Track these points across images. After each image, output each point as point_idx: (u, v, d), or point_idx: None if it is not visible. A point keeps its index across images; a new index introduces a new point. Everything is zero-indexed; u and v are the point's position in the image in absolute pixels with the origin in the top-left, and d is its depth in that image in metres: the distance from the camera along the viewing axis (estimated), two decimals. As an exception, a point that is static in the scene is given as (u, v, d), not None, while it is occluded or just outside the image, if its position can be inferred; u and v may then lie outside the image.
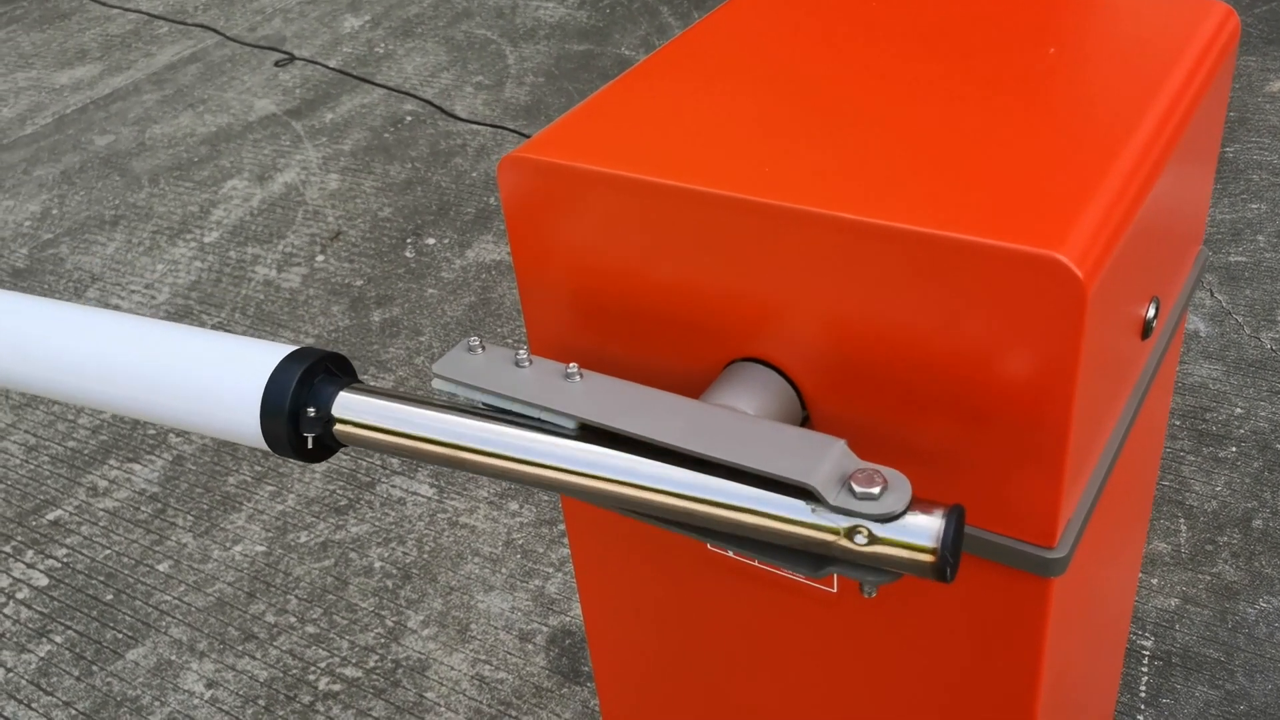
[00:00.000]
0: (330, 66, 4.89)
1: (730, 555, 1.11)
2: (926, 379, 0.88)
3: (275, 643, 2.38)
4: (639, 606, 1.26)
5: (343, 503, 2.72)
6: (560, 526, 2.59)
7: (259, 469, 2.85)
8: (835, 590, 1.06)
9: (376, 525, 2.64)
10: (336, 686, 2.27)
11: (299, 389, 0.90)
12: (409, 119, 4.41)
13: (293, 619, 2.43)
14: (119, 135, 4.57)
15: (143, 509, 2.77)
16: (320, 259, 3.65)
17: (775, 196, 0.88)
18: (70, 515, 2.78)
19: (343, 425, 0.91)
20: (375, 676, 2.28)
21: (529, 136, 1.04)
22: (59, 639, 2.45)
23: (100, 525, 2.74)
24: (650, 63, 1.12)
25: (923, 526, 0.74)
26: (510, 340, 3.17)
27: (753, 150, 0.95)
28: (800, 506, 0.77)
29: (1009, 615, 0.97)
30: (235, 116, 4.58)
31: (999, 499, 0.90)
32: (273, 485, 2.80)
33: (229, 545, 2.64)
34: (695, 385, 1.01)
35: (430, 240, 3.67)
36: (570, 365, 0.90)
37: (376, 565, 2.53)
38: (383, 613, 2.42)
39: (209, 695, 2.28)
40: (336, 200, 3.95)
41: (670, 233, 0.94)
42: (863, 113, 0.98)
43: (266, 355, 0.92)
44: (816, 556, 0.80)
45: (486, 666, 2.27)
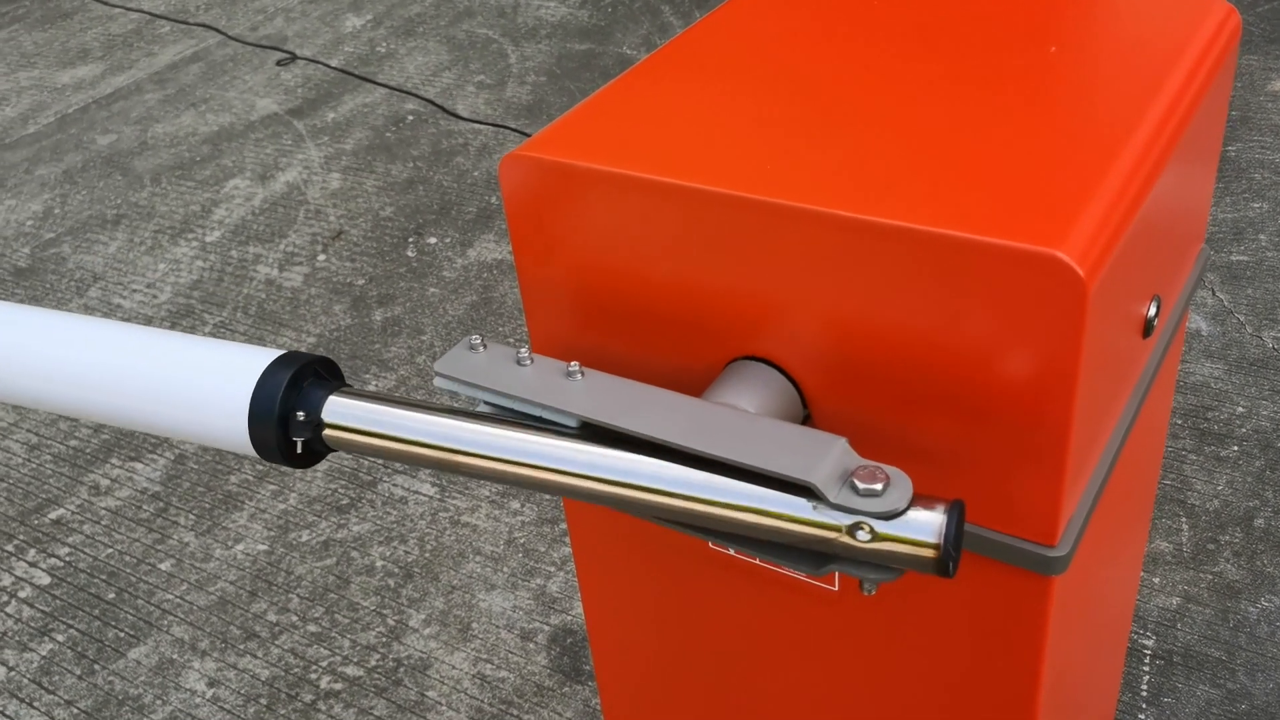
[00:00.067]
0: (332, 66, 4.89)
1: (731, 553, 1.11)
2: (927, 377, 0.88)
3: (277, 641, 2.38)
4: (640, 605, 1.26)
5: (344, 502, 2.72)
6: (562, 525, 2.59)
7: (261, 468, 2.85)
8: (836, 588, 1.06)
9: (378, 524, 2.64)
10: (338, 685, 2.27)
11: (288, 393, 0.89)
12: (411, 118, 4.41)
13: (294, 618, 2.43)
14: (121, 134, 4.57)
15: (145, 508, 2.78)
16: (322, 258, 3.65)
17: (776, 195, 0.88)
18: (72, 514, 2.78)
19: (332, 430, 0.90)
20: (377, 675, 2.28)
21: (530, 136, 1.04)
22: (61, 638, 2.45)
23: (102, 524, 2.74)
24: (652, 61, 1.12)
25: (925, 522, 0.75)
26: (512, 339, 3.17)
27: (754, 149, 0.95)
28: (802, 504, 0.78)
29: (1010, 614, 0.97)
30: (237, 116, 4.58)
31: (1000, 497, 0.90)
32: (274, 484, 2.80)
33: (231, 544, 2.64)
34: (697, 384, 1.01)
35: (432, 239, 3.67)
36: (572, 363, 0.90)
37: (378, 564, 2.54)
38: (384, 611, 2.42)
39: (211, 694, 2.28)
40: (338, 199, 3.95)
41: (671, 231, 0.94)
42: (864, 111, 0.98)
43: (253, 360, 0.90)
44: (818, 554, 0.81)
45: (488, 665, 2.28)
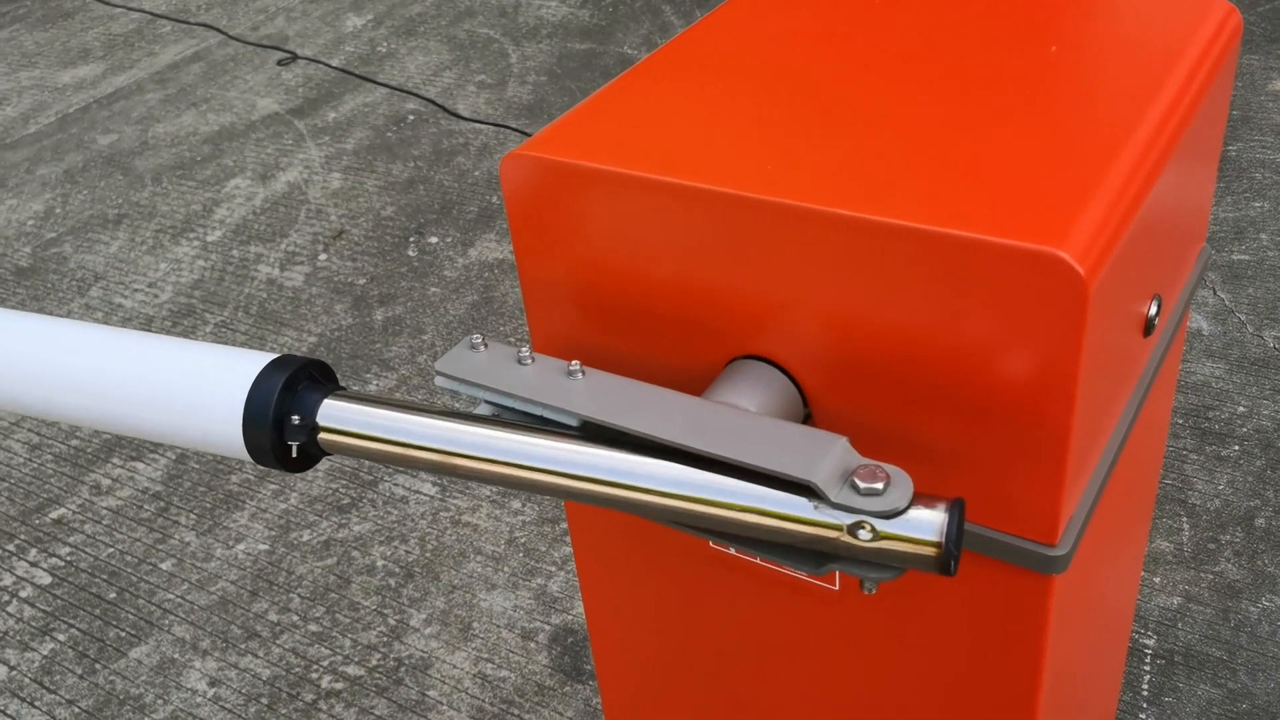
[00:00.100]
0: (333, 65, 4.89)
1: (732, 553, 1.11)
2: (928, 376, 0.88)
3: (278, 641, 2.38)
4: (641, 605, 1.26)
5: (345, 501, 2.72)
6: (563, 525, 2.59)
7: (262, 468, 2.85)
8: (837, 588, 1.06)
9: (379, 524, 2.64)
10: (339, 685, 2.27)
11: (282, 397, 0.88)
12: (411, 118, 4.41)
13: (295, 617, 2.43)
14: (122, 134, 4.57)
15: (146, 507, 2.78)
16: (323, 258, 3.65)
17: (777, 194, 0.88)
18: (73, 514, 2.78)
19: (327, 433, 0.89)
20: (378, 675, 2.28)
21: (531, 135, 1.04)
22: (62, 637, 2.45)
23: (103, 524, 2.74)
24: (652, 61, 1.12)
25: (926, 521, 0.75)
26: (513, 338, 3.17)
27: (755, 148, 0.95)
28: (803, 504, 0.78)
29: (1011, 613, 0.97)
30: (238, 115, 4.59)
31: (1001, 496, 0.90)
32: (275, 484, 2.80)
33: (232, 544, 2.64)
34: (697, 383, 1.01)
35: (433, 239, 3.68)
36: (573, 362, 0.90)
37: (379, 564, 2.54)
38: (385, 611, 2.42)
39: (212, 693, 2.28)
40: (339, 199, 3.95)
41: (672, 230, 0.94)
42: (864, 110, 0.98)
43: (247, 364, 0.90)
44: (818, 554, 0.81)
45: (489, 665, 2.28)
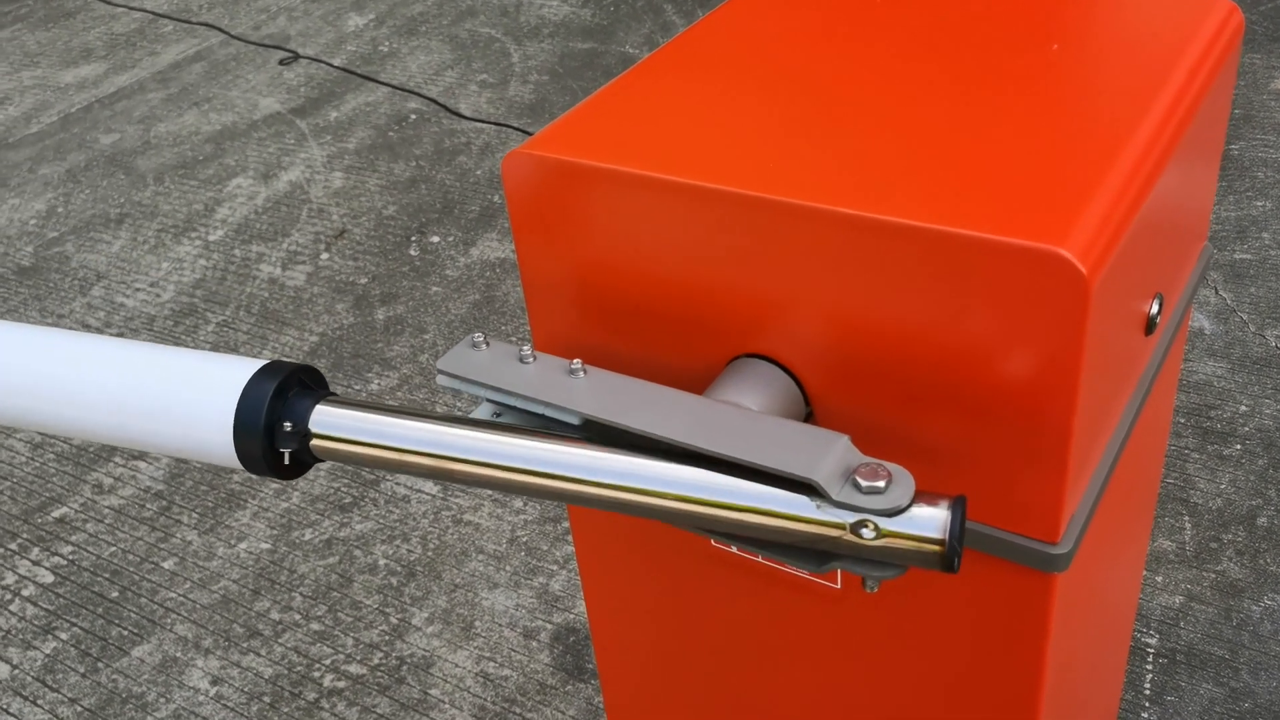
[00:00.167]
0: (334, 65, 4.90)
1: (734, 551, 1.11)
2: (930, 374, 0.88)
3: (280, 640, 2.38)
4: (643, 603, 1.26)
5: (347, 500, 2.72)
6: (564, 524, 2.59)
7: (264, 466, 2.85)
8: (839, 586, 1.06)
9: (381, 522, 2.64)
10: (341, 683, 2.27)
11: (273, 404, 0.87)
12: (413, 117, 4.41)
13: (297, 616, 2.43)
14: (124, 134, 4.57)
15: (148, 506, 2.78)
16: (325, 257, 3.66)
17: (778, 192, 0.88)
18: (76, 513, 2.79)
19: (320, 440, 0.88)
20: (380, 673, 2.28)
21: (533, 135, 1.05)
22: (64, 636, 2.46)
23: (105, 523, 2.74)
24: (654, 60, 1.12)
25: (929, 518, 0.75)
26: (514, 337, 3.17)
27: (756, 146, 0.95)
28: (805, 503, 0.78)
29: (1013, 611, 0.97)
30: (240, 115, 4.59)
31: (1003, 494, 0.90)
32: (277, 483, 2.81)
33: (234, 542, 2.64)
34: (699, 381, 1.01)
35: (434, 238, 3.68)
36: (574, 361, 0.90)
37: (381, 562, 2.54)
38: (387, 610, 2.42)
39: (214, 692, 2.28)
40: (341, 198, 3.95)
41: (674, 228, 0.94)
42: (866, 109, 0.98)
43: (236, 371, 0.89)
44: (820, 552, 0.81)
45: (491, 664, 2.28)
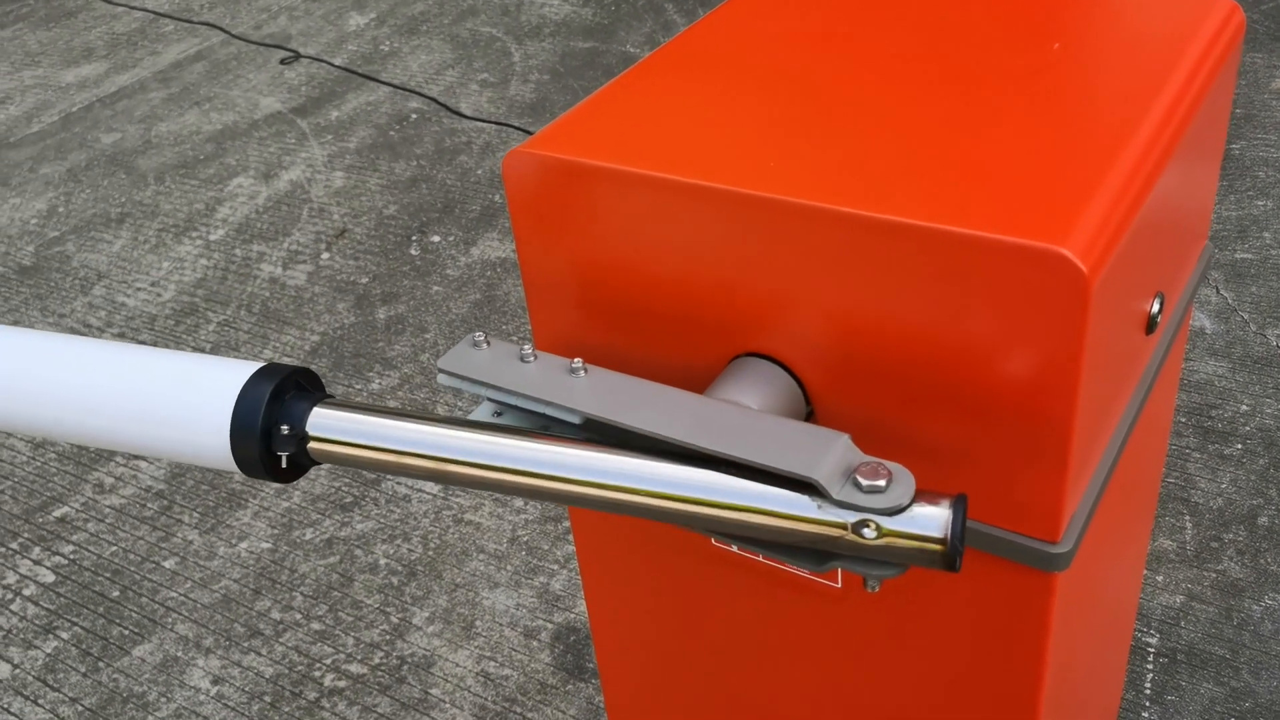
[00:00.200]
0: (335, 64, 4.90)
1: (734, 550, 1.11)
2: (930, 374, 0.88)
3: (281, 639, 2.38)
4: (643, 603, 1.26)
5: (348, 499, 2.72)
6: (565, 523, 2.59)
7: (265, 466, 2.85)
8: (839, 585, 1.06)
9: (382, 522, 2.65)
10: (342, 683, 2.27)
11: (270, 407, 0.87)
12: (414, 117, 4.41)
13: (298, 615, 2.43)
14: (125, 133, 4.57)
15: (149, 506, 2.78)
16: (326, 256, 3.66)
17: (780, 191, 0.88)
18: (77, 512, 2.79)
19: (317, 442, 0.88)
20: (380, 673, 2.28)
21: (534, 134, 1.04)
22: (65, 635, 2.46)
23: (107, 522, 2.74)
24: (655, 59, 1.12)
25: (931, 517, 0.75)
26: (515, 337, 3.17)
27: (757, 145, 0.95)
28: (806, 502, 0.77)
29: (1013, 610, 0.97)
30: (241, 114, 4.59)
31: (1003, 493, 0.90)
32: (275, 484, 2.80)
33: (235, 542, 2.64)
34: (700, 380, 1.01)
35: (435, 238, 3.68)
36: (575, 360, 0.90)
37: (382, 562, 2.54)
38: (388, 609, 2.42)
39: (215, 691, 2.29)
40: (342, 198, 3.95)
41: (674, 227, 0.94)
42: (867, 108, 0.98)
43: (233, 374, 0.88)
44: (821, 551, 0.81)
45: (491, 663, 2.28)
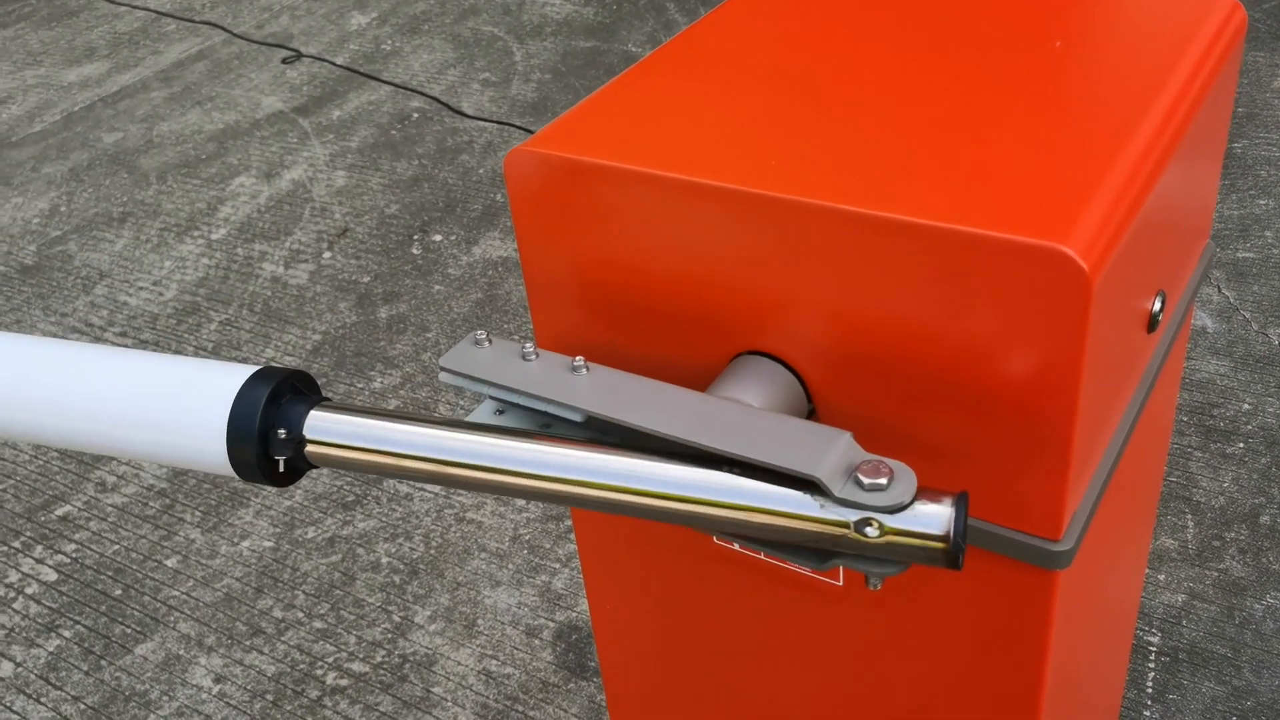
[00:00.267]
0: (337, 64, 4.90)
1: (736, 549, 1.11)
2: (932, 372, 0.88)
3: (283, 638, 2.39)
4: (645, 601, 1.26)
5: (350, 498, 2.72)
6: (567, 522, 2.59)
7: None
8: (841, 584, 1.06)
9: (384, 521, 2.65)
10: (344, 681, 2.27)
11: (267, 410, 0.86)
12: (416, 116, 4.41)
13: (300, 614, 2.44)
14: (127, 132, 4.58)
15: (151, 504, 2.78)
16: (327, 256, 3.66)
17: (781, 189, 0.88)
18: (79, 511, 2.79)
19: (315, 446, 0.87)
20: (382, 671, 2.29)
21: (535, 133, 1.05)
22: (68, 634, 2.46)
23: (109, 521, 2.75)
24: (656, 57, 1.12)
25: (933, 515, 0.75)
26: (517, 335, 3.18)
27: (759, 144, 0.95)
28: (807, 500, 0.77)
29: (1015, 608, 0.97)
30: (243, 114, 4.59)
31: (1005, 491, 0.90)
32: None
33: (237, 540, 2.65)
34: (701, 378, 1.01)
35: (437, 237, 3.68)
36: (576, 358, 0.90)
37: (383, 561, 2.54)
38: (390, 608, 2.42)
39: (217, 690, 2.29)
40: (344, 197, 3.95)
41: (676, 226, 0.94)
42: (868, 107, 0.98)
43: (228, 378, 0.88)
44: (822, 549, 0.81)
45: (493, 662, 2.28)
